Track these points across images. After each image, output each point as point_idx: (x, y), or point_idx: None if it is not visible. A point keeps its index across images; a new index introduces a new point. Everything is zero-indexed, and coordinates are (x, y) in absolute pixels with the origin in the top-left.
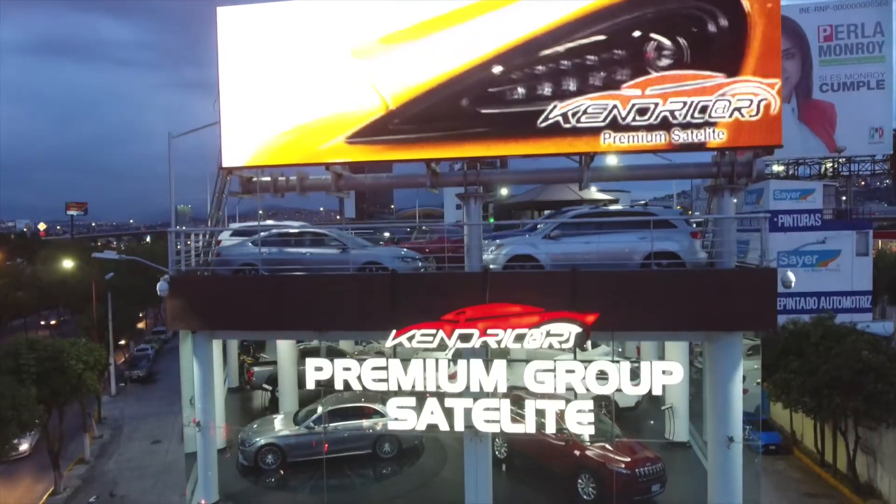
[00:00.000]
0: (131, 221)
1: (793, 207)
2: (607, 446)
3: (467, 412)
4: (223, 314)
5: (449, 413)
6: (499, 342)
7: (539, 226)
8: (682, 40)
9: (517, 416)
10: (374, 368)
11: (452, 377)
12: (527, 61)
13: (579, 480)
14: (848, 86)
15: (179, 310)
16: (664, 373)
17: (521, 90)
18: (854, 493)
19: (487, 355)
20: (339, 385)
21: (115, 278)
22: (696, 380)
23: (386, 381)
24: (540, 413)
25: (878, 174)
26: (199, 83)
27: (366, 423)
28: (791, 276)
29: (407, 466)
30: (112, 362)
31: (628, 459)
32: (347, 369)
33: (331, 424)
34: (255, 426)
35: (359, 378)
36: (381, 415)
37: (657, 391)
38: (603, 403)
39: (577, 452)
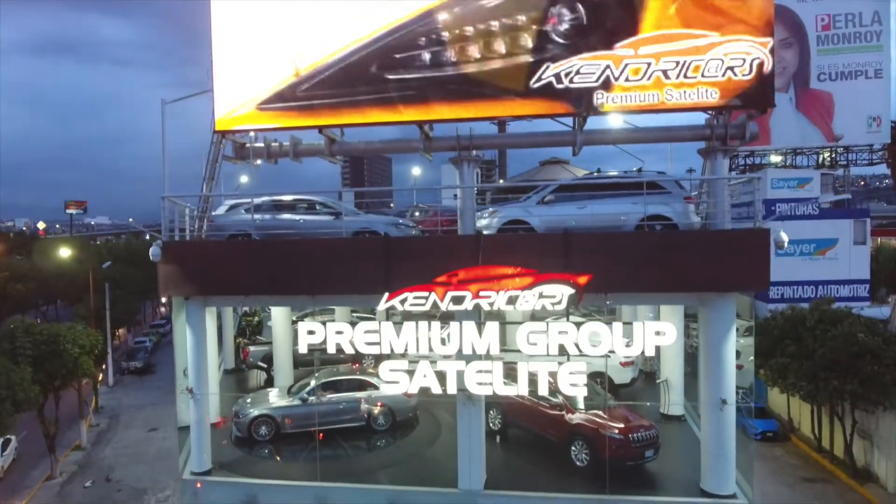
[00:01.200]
0: (130, 220)
1: (790, 196)
2: (601, 413)
3: (460, 375)
4: (216, 279)
5: (441, 376)
6: (491, 304)
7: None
8: None
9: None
10: (367, 332)
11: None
12: (511, 21)
13: (573, 447)
14: (846, 75)
15: (172, 275)
16: (657, 333)
17: (507, 47)
18: (851, 478)
19: (480, 318)
20: (331, 349)
21: (112, 270)
22: (690, 354)
23: (378, 344)
24: (532, 375)
25: (876, 163)
26: (199, 83)
27: (360, 394)
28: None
29: (400, 438)
30: (110, 352)
31: (622, 425)
32: (340, 333)
33: (325, 396)
34: (248, 399)
35: (351, 341)
36: (376, 387)
37: (650, 352)
38: (598, 381)
39: (570, 420)
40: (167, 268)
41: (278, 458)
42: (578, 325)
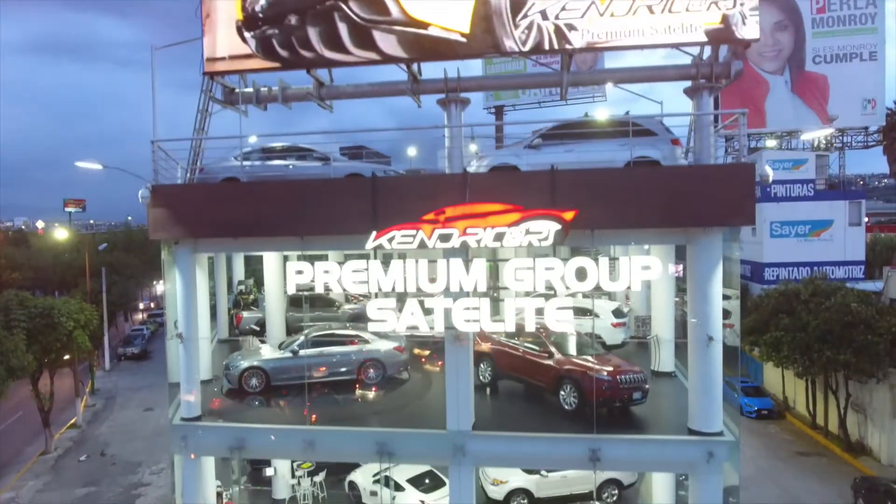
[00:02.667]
0: (129, 219)
1: (786, 178)
2: (589, 359)
3: (447, 312)
4: (205, 221)
5: (429, 313)
6: (478, 241)
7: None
8: None
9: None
10: (355, 271)
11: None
12: None
13: (561, 391)
14: (841, 57)
15: (162, 218)
16: (643, 268)
17: None
18: (845, 451)
19: (467, 255)
20: (319, 288)
21: (109, 255)
22: (680, 316)
23: (366, 282)
24: (519, 311)
25: (871, 146)
26: (199, 84)
27: (350, 348)
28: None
29: (391, 391)
30: (106, 336)
31: (610, 368)
32: (327, 272)
33: (315, 349)
34: (239, 354)
35: (339, 280)
36: (366, 342)
37: (636, 287)
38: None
39: (559, 365)
40: (157, 211)
41: (269, 406)
42: (565, 261)
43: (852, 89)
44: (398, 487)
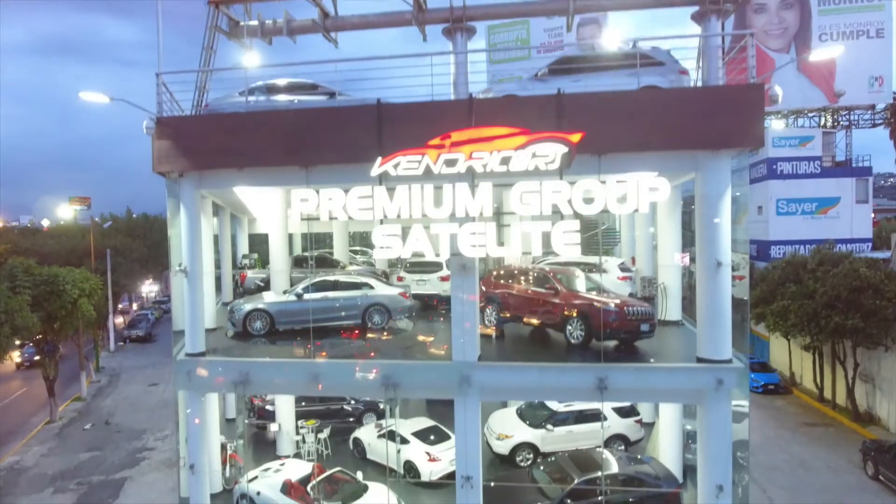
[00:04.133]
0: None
1: (792, 155)
2: (595, 294)
3: (453, 238)
4: (210, 153)
5: (434, 239)
6: (484, 166)
7: None
8: None
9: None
10: (360, 197)
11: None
12: None
13: (568, 326)
14: (847, 35)
15: (166, 150)
16: (651, 190)
17: None
18: (853, 422)
19: (473, 180)
20: (324, 216)
21: (114, 239)
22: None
23: (371, 209)
24: (526, 235)
25: (878, 125)
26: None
27: (355, 293)
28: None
29: (396, 335)
30: (111, 316)
31: (618, 301)
32: (332, 199)
33: (320, 293)
34: (243, 299)
35: (344, 207)
36: (371, 287)
37: (644, 209)
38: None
39: (565, 300)
40: (161, 143)
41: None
42: (572, 182)
43: (859, 67)
44: (403, 441)
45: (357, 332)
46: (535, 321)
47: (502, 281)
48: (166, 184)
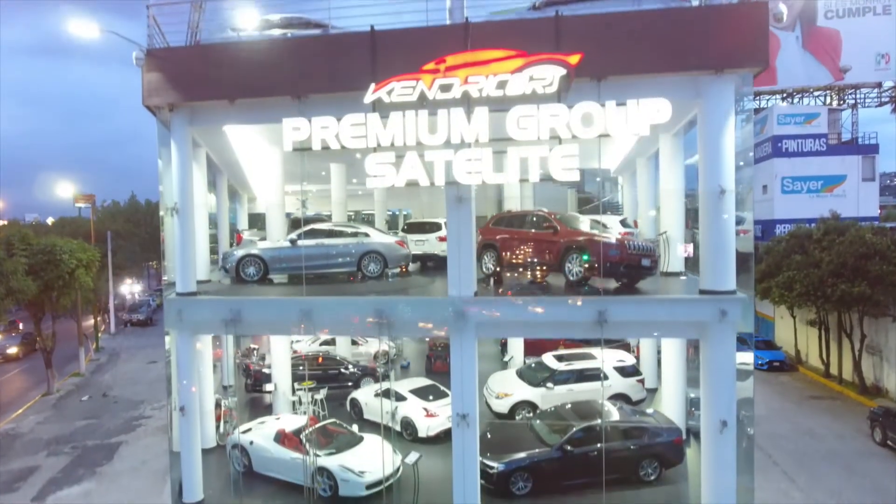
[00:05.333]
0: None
1: (798, 132)
2: (595, 231)
3: (448, 165)
4: (201, 84)
5: (429, 167)
6: (480, 90)
7: None
8: None
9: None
10: (353, 125)
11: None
12: None
13: (567, 263)
14: (853, 12)
15: (156, 83)
16: (652, 111)
17: None
18: (860, 395)
19: (469, 105)
20: (316, 145)
21: (114, 223)
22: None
23: (364, 137)
24: (523, 161)
25: (885, 103)
26: None
27: (350, 240)
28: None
29: (392, 281)
30: (112, 298)
31: (619, 236)
32: (325, 127)
33: (314, 240)
34: (235, 247)
35: (337, 136)
36: (367, 235)
37: (645, 131)
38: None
39: (564, 237)
40: (151, 76)
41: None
42: (570, 105)
43: (865, 44)
44: (400, 398)
45: (352, 279)
46: (532, 261)
47: (500, 227)
48: (157, 125)
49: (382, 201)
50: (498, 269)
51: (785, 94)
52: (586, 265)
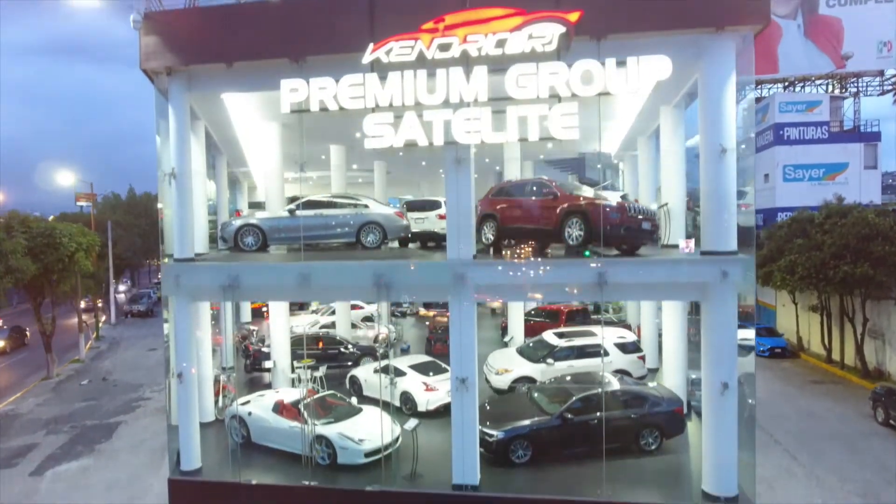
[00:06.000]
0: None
1: (799, 120)
2: (596, 196)
3: (447, 125)
4: (199, 47)
5: (428, 126)
6: (479, 49)
7: None
8: None
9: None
10: (352, 85)
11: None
12: None
13: (567, 228)
14: (855, 0)
15: (153, 46)
16: (652, 69)
17: None
18: (862, 379)
19: (468, 65)
20: (314, 106)
21: (115, 213)
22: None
23: (363, 97)
24: (522, 120)
25: (888, 91)
26: None
27: (349, 211)
28: None
29: (389, 251)
30: (112, 289)
31: (619, 200)
32: (323, 88)
33: (313, 210)
34: (234, 218)
35: (335, 97)
36: (366, 206)
37: (645, 89)
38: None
39: (564, 202)
40: (149, 39)
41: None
42: (570, 63)
43: (867, 32)
44: (399, 373)
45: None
46: (532, 227)
47: (500, 197)
48: (155, 95)
49: (382, 189)
50: (497, 239)
51: (787, 83)
52: (586, 231)
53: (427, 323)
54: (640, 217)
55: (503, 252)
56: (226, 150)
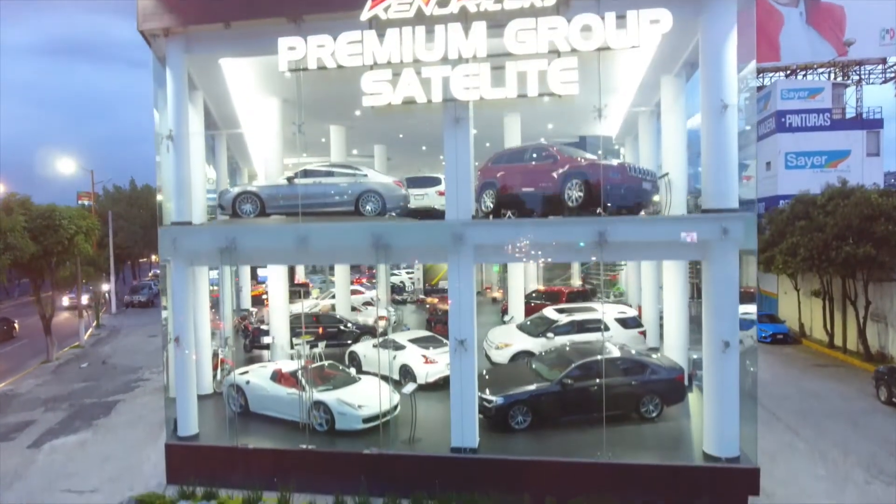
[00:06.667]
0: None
1: (801, 107)
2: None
3: (445, 81)
4: (196, 6)
5: (426, 84)
6: (478, 5)
7: None
8: None
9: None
10: (350, 42)
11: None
12: None
13: (567, 189)
14: None
15: (151, 7)
16: (652, 22)
17: None
18: (865, 362)
19: (466, 21)
20: (312, 64)
21: (116, 204)
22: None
23: (361, 55)
24: (521, 76)
25: (891, 79)
26: None
27: (347, 179)
28: None
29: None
30: (112, 279)
31: (620, 161)
32: (321, 46)
33: (312, 178)
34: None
35: (333, 55)
36: (364, 175)
37: (645, 44)
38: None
39: (564, 164)
40: (146, 0)
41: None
42: (569, 18)
43: (869, 19)
44: (398, 347)
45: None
46: (532, 191)
47: (500, 164)
48: (152, 57)
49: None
50: (497, 207)
51: (788, 72)
52: (586, 192)
53: (427, 306)
54: (640, 177)
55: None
56: (225, 127)
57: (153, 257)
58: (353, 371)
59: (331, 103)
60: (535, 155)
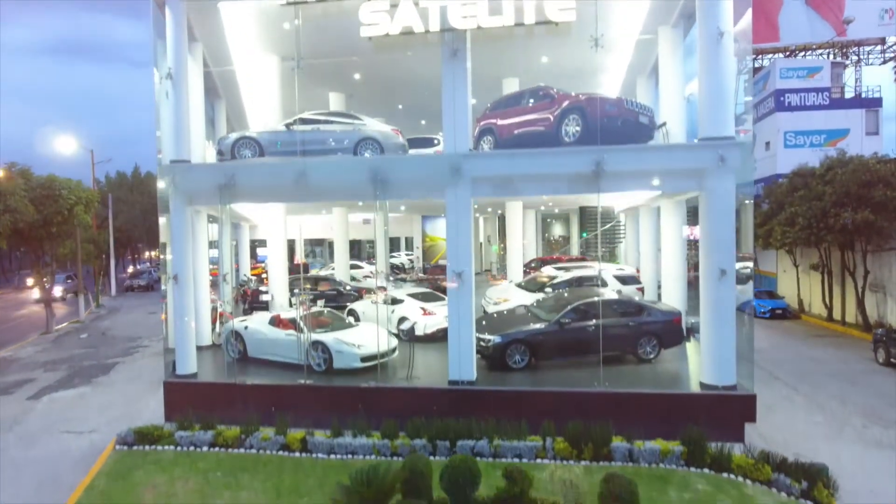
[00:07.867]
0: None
1: (800, 86)
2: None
3: (443, 10)
4: None
5: (424, 13)
6: None
7: None
8: None
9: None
10: None
11: None
12: None
13: (564, 125)
14: None
15: None
16: None
17: None
18: (864, 332)
19: None
20: None
21: (116, 189)
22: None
23: None
24: (518, 4)
25: (889, 60)
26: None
27: (346, 126)
28: None
29: None
30: (112, 262)
31: (618, 96)
32: None
33: (310, 126)
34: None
35: None
36: (362, 122)
37: None
38: None
39: (561, 101)
40: None
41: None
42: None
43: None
44: (397, 301)
45: None
46: (529, 130)
47: (497, 110)
48: (152, 4)
49: None
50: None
51: (787, 52)
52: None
53: (426, 277)
54: (637, 111)
55: None
56: (225, 92)
57: (153, 253)
58: (351, 320)
59: (330, 67)
60: (532, 97)
